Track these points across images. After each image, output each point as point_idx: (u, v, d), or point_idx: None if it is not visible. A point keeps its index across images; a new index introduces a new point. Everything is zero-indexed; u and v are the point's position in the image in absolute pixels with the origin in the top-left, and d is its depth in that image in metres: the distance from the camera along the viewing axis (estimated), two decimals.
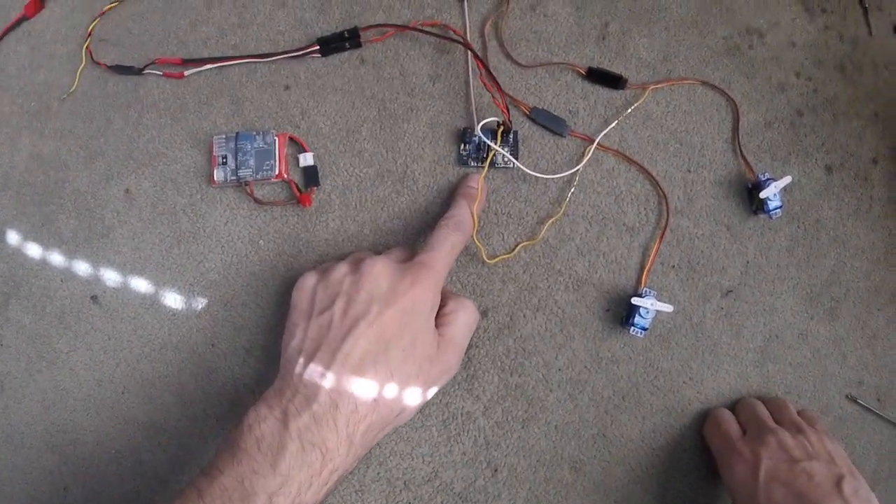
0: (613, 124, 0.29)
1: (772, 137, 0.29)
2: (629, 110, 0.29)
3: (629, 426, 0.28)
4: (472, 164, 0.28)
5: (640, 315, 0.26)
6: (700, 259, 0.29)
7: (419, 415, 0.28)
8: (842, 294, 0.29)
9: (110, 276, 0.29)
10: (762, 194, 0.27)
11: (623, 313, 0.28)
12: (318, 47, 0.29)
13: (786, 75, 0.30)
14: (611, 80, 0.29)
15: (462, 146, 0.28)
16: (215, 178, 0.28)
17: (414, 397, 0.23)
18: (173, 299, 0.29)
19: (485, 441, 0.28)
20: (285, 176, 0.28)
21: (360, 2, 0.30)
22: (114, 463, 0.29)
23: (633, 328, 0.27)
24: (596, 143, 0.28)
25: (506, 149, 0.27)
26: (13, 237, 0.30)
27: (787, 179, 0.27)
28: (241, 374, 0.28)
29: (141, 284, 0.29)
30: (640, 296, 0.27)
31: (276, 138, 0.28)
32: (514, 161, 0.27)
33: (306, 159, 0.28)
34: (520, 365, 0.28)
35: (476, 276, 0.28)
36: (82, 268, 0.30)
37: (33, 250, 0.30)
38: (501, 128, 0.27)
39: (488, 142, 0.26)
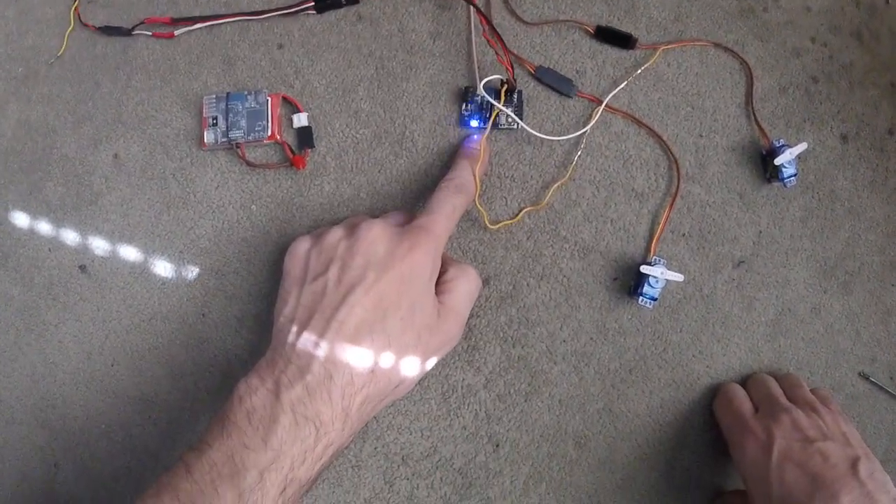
0: (622, 85, 0.27)
1: (786, 103, 0.28)
2: (639, 71, 0.27)
3: (636, 401, 0.27)
4: (475, 124, 0.27)
5: (649, 284, 0.25)
6: (711, 228, 0.27)
7: (418, 387, 0.27)
8: (856, 268, 0.28)
9: (99, 245, 0.28)
10: (777, 160, 0.26)
11: (631, 282, 0.27)
12: (312, 3, 0.27)
13: (801, 40, 0.29)
14: (620, 40, 0.27)
15: (464, 106, 0.27)
16: (205, 141, 0.27)
17: (412, 368, 0.21)
18: (163, 268, 0.28)
19: (486, 415, 0.27)
20: (278, 137, 0.27)
21: None
22: (104, 438, 0.28)
23: (641, 298, 0.26)
24: (604, 104, 0.27)
25: (510, 108, 0.26)
26: (0, 207, 0.29)
27: (802, 146, 0.26)
28: (233, 345, 0.27)
29: (130, 253, 0.28)
30: (649, 264, 0.25)
31: (269, 98, 0.27)
32: (519, 121, 0.26)
33: (300, 120, 0.27)
34: (523, 336, 0.27)
35: (478, 241, 0.27)
36: (70, 236, 0.29)
37: (20, 219, 0.29)
38: (505, 87, 0.25)
39: (492, 101, 0.25)
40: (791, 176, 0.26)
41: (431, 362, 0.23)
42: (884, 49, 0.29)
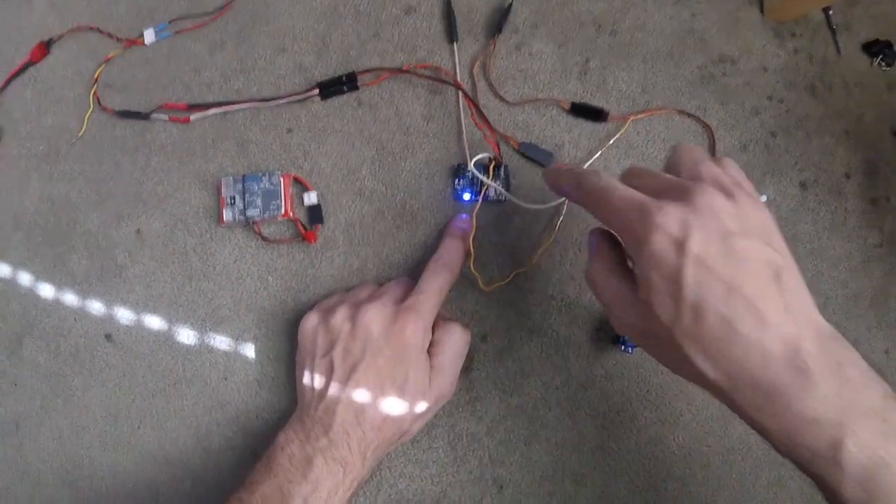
0: (597, 155, 0.30)
1: (747, 159, 0.31)
2: (611, 141, 0.31)
3: (626, 438, 0.29)
4: (467, 197, 0.29)
5: None
6: None
7: (426, 437, 0.29)
8: (821, 303, 0.30)
9: (123, 315, 0.30)
10: None
11: (613, 332, 0.29)
12: (317, 91, 0.30)
13: (759, 99, 0.32)
14: (593, 114, 0.30)
15: (456, 181, 0.30)
16: (224, 218, 0.30)
17: (413, 422, 0.26)
18: (186, 336, 0.30)
19: (489, 459, 0.29)
20: (291, 214, 0.29)
21: (356, 46, 0.32)
22: (130, 498, 0.30)
23: (623, 346, 0.28)
24: None
25: (498, 182, 0.29)
26: (25, 278, 0.31)
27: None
28: (253, 406, 0.30)
29: (154, 322, 0.30)
30: None
31: (282, 179, 0.30)
32: (506, 194, 0.29)
33: (310, 198, 0.30)
34: (519, 386, 0.29)
35: (475, 302, 0.30)
36: (95, 307, 0.31)
37: (46, 290, 0.31)
38: (493, 163, 0.28)
39: (481, 177, 0.28)
40: None
41: (430, 415, 0.27)
42: (836, 99, 0.32)
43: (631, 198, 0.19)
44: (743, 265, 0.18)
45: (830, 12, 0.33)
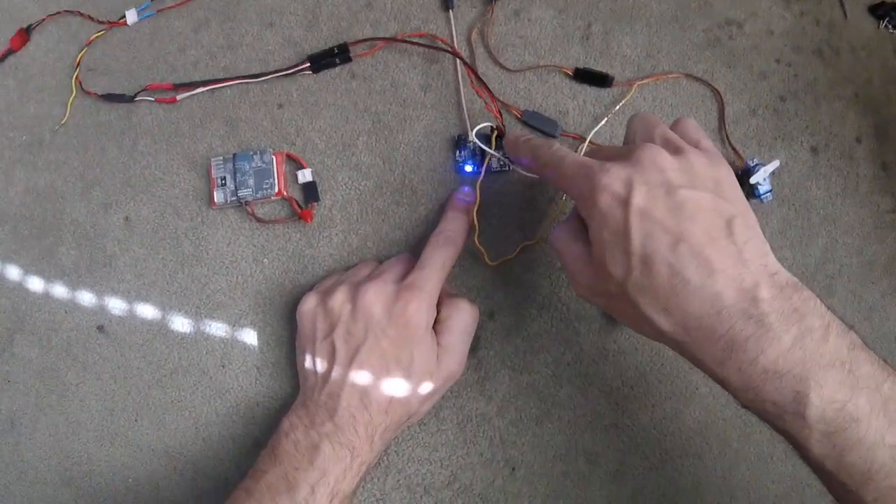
0: (603, 122, 0.29)
1: (757, 124, 0.30)
2: (617, 107, 0.29)
3: (640, 414, 0.29)
4: (469, 169, 0.28)
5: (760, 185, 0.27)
6: None
7: (434, 419, 0.28)
8: (836, 270, 0.30)
9: (116, 305, 0.29)
10: (752, 179, 0.28)
11: None
12: (308, 64, 0.29)
13: (766, 63, 0.31)
14: (598, 79, 0.29)
15: (457, 153, 0.28)
16: (215, 200, 0.28)
17: (421, 403, 0.25)
18: (181, 323, 0.29)
19: (500, 440, 0.28)
20: (285, 193, 0.28)
21: (347, 17, 0.30)
22: (130, 492, 0.29)
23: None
24: (587, 141, 0.29)
25: (500, 153, 0.28)
26: (13, 272, 0.30)
27: (775, 163, 0.28)
28: (253, 393, 0.29)
29: (147, 311, 0.29)
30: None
31: (274, 157, 0.28)
32: (511, 164, 0.28)
33: (305, 175, 0.29)
34: (529, 363, 0.28)
35: (481, 278, 0.29)
36: (86, 298, 0.30)
37: (35, 284, 0.30)
38: (495, 132, 0.27)
39: (483, 146, 0.27)
40: (767, 192, 0.28)
41: (438, 394, 0.26)
42: (844, 63, 0.31)
43: (581, 163, 0.21)
44: (688, 215, 0.18)
45: None
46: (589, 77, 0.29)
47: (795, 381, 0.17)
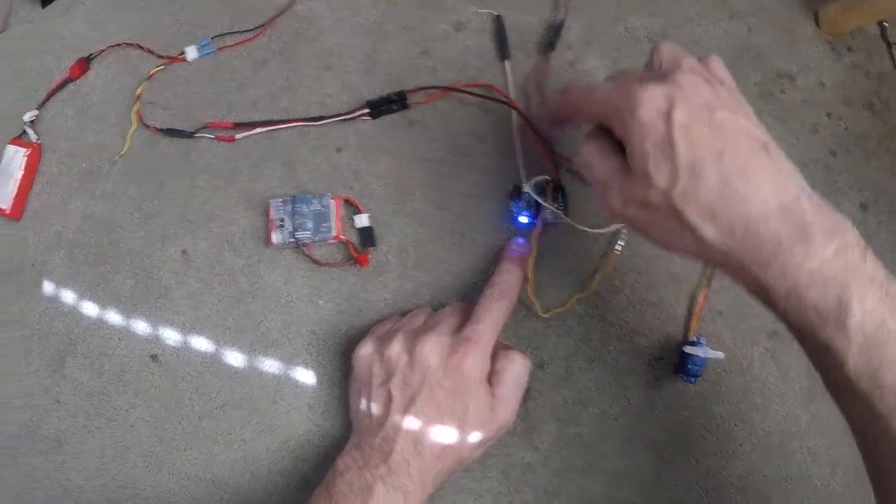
0: None
1: (807, 177, 0.30)
2: None
3: (684, 470, 0.29)
4: (524, 220, 0.29)
5: (693, 363, 0.27)
6: (744, 304, 0.29)
7: (480, 466, 0.28)
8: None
9: (170, 336, 0.30)
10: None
11: (675, 361, 0.29)
12: (367, 110, 0.30)
13: (818, 116, 0.31)
14: None
15: (513, 204, 0.29)
16: (273, 241, 0.29)
17: (473, 451, 0.25)
18: (234, 358, 0.30)
19: (544, 490, 0.28)
20: (342, 237, 0.29)
21: (404, 64, 0.31)
22: None
23: (685, 377, 0.27)
24: None
25: (555, 205, 0.28)
26: (68, 296, 0.31)
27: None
28: (304, 431, 0.29)
29: (201, 343, 0.30)
30: (691, 344, 0.27)
31: (332, 201, 0.29)
32: (565, 217, 0.28)
33: (361, 220, 0.29)
34: (577, 415, 0.29)
35: (532, 329, 0.29)
36: (140, 327, 0.30)
37: (89, 309, 0.31)
38: (550, 184, 0.28)
39: (538, 199, 0.27)
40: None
41: (489, 442, 0.26)
42: (894, 115, 0.31)
43: (615, 85, 0.21)
44: (730, 134, 0.19)
45: (885, 24, 0.32)
46: None
47: (839, 288, 0.17)
